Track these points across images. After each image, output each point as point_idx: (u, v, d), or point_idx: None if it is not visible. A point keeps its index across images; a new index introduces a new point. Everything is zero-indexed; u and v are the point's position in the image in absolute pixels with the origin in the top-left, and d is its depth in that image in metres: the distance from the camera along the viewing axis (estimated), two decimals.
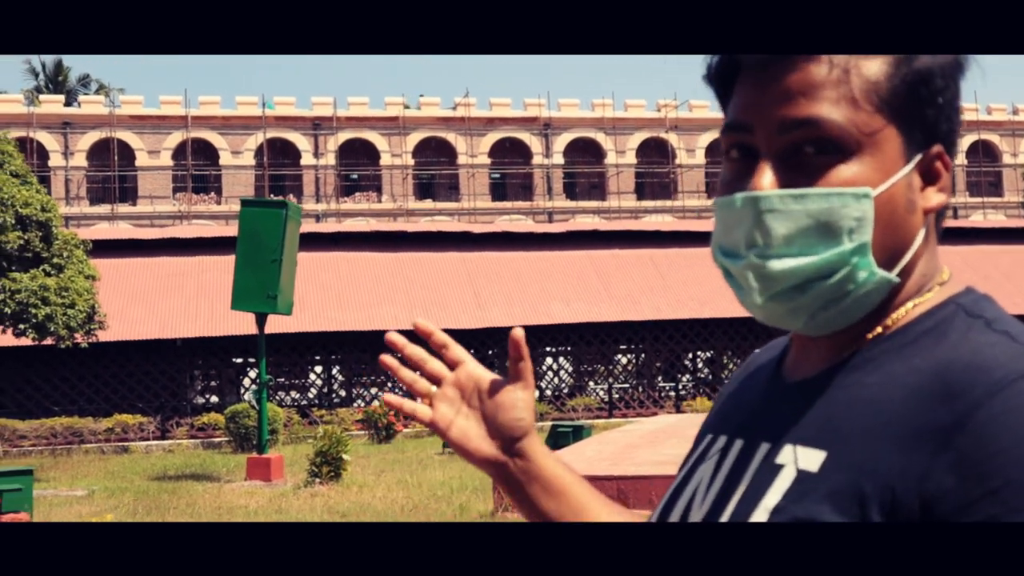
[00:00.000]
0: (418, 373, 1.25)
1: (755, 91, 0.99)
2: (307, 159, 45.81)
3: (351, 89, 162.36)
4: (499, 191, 48.62)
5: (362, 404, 25.84)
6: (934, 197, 1.01)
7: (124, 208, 43.54)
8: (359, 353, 26.02)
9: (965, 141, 50.80)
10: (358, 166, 47.07)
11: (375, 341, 25.75)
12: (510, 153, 48.46)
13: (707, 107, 49.80)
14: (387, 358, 1.27)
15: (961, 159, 50.73)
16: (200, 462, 18.99)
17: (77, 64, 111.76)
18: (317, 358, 26.42)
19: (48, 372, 23.60)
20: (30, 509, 11.79)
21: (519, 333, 1.16)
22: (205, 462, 18.97)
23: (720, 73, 1.05)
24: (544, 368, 28.07)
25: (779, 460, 0.98)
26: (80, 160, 43.83)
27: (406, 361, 1.27)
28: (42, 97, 46.26)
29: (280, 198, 17.62)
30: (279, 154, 46.14)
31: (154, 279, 25.60)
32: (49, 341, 16.93)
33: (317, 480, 14.52)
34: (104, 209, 43.08)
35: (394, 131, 46.50)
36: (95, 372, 23.91)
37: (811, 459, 0.95)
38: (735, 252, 1.00)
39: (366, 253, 27.47)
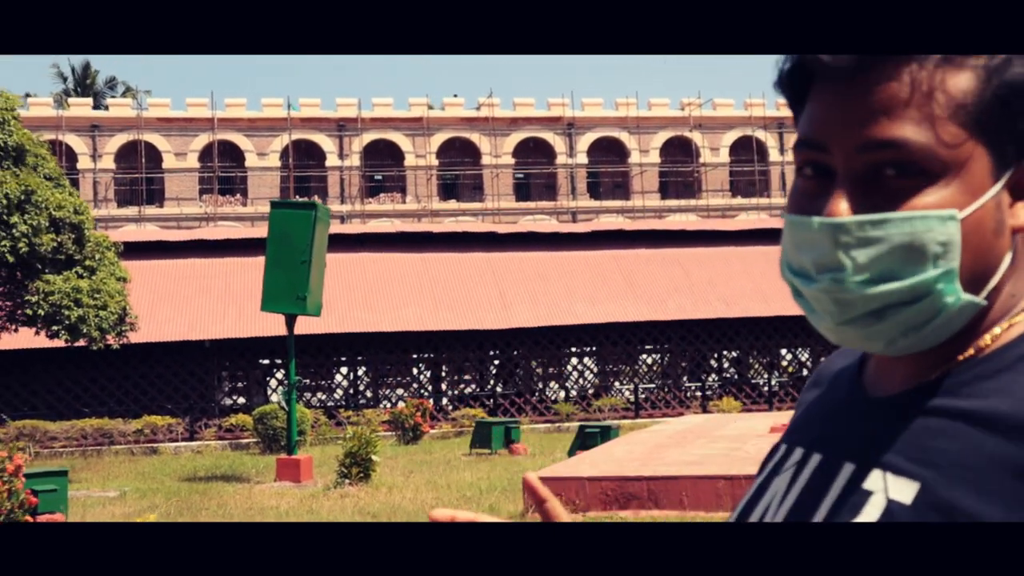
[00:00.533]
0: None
1: (831, 107, 0.94)
2: (332, 160, 45.98)
3: (375, 90, 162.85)
4: (523, 191, 48.65)
5: (388, 405, 25.93)
6: (1022, 215, 0.94)
7: (151, 210, 43.83)
8: (385, 354, 26.11)
9: None
10: (382, 167, 47.21)
11: (402, 342, 25.84)
12: (534, 153, 48.47)
13: (731, 105, 49.65)
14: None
15: None
16: (229, 463, 19.11)
17: (104, 67, 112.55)
18: (343, 359, 26.53)
19: (78, 374, 23.80)
20: (65, 510, 11.92)
21: (532, 478, 1.08)
22: (234, 463, 19.09)
23: (791, 81, 0.99)
24: (569, 368, 28.08)
25: (867, 486, 0.94)
26: (108, 162, 44.16)
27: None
28: (71, 100, 46.64)
29: (309, 199, 17.72)
30: (304, 155, 46.34)
31: (182, 281, 25.78)
32: (81, 343, 17.08)
33: (347, 481, 14.60)
34: (132, 211, 43.40)
35: (418, 132, 46.61)
36: (124, 373, 24.10)
37: (903, 490, 0.91)
38: (807, 274, 0.95)
39: (392, 254, 27.56)
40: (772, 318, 26.41)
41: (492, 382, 27.38)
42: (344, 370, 27.03)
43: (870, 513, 0.91)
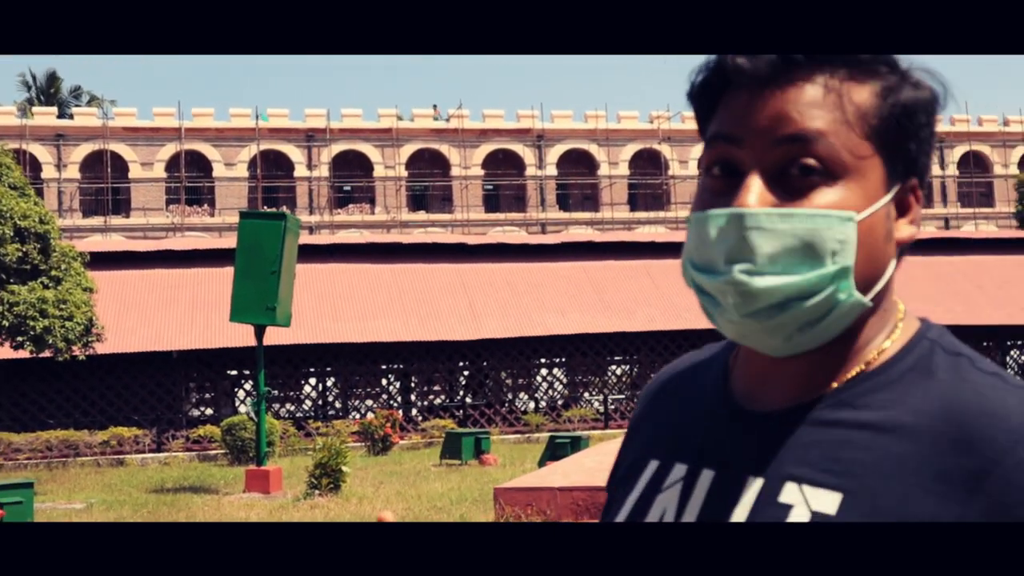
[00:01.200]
0: None
1: (747, 106, 0.99)
2: (300, 171, 45.84)
3: (344, 101, 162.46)
4: (492, 203, 48.70)
5: (358, 416, 25.83)
6: (906, 229, 1.03)
7: (117, 220, 43.49)
8: (355, 365, 26.02)
9: (956, 152, 51.03)
10: (351, 178, 47.11)
11: (371, 352, 25.76)
12: (503, 165, 48.55)
13: None
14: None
15: (952, 170, 50.97)
16: (197, 475, 18.96)
17: (69, 76, 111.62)
18: (312, 370, 26.41)
19: (43, 385, 23.54)
20: (31, 522, 11.78)
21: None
22: (202, 475, 18.94)
23: (705, 90, 1.04)
24: (539, 380, 28.10)
25: (784, 499, 0.97)
26: (73, 172, 43.79)
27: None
28: (35, 109, 46.24)
29: (279, 210, 17.63)
30: (272, 166, 46.17)
31: (149, 291, 25.58)
32: (47, 353, 16.90)
33: (317, 492, 14.52)
34: (97, 221, 43.04)
35: (387, 143, 46.58)
36: (90, 384, 23.86)
37: (825, 501, 0.95)
38: (712, 268, 0.98)
39: (361, 265, 27.48)
40: None
41: (462, 393, 27.34)
42: (313, 381, 26.91)
43: None
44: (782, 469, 0.99)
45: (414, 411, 26.60)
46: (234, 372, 26.38)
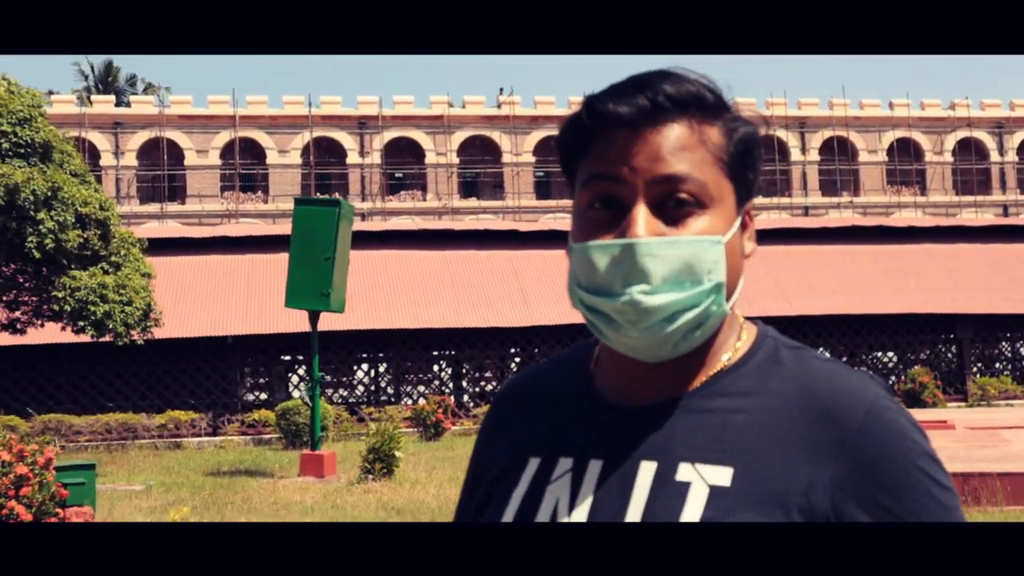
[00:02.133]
0: None
1: (625, 148, 1.13)
2: (353, 158, 46.10)
3: (396, 88, 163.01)
4: (544, 189, 48.66)
5: (409, 402, 25.99)
6: (748, 245, 1.21)
7: (173, 207, 44.05)
8: (407, 351, 26.18)
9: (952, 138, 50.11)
10: (403, 165, 47.30)
11: (423, 339, 25.90)
12: (555, 151, 48.42)
13: (752, 104, 49.52)
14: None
15: (948, 157, 50.07)
16: (252, 458, 19.20)
17: (125, 64, 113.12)
18: (365, 356, 26.60)
19: (102, 369, 23.96)
20: (93, 503, 12.01)
21: None
22: (257, 458, 19.18)
23: (578, 134, 1.18)
24: None
25: (680, 478, 1.11)
26: (131, 159, 44.41)
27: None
28: (94, 98, 46.91)
29: (333, 196, 17.76)
30: (325, 153, 46.46)
31: (205, 277, 25.90)
32: (107, 338, 17.20)
33: (370, 476, 14.65)
34: (154, 208, 43.62)
35: (439, 130, 46.68)
36: (148, 369, 24.24)
37: (718, 475, 1.10)
38: (608, 291, 1.12)
39: (413, 251, 27.60)
40: (794, 317, 26.35)
41: None
42: (365, 367, 27.10)
43: (696, 499, 1.09)
44: (672, 452, 1.13)
45: (465, 397, 26.70)
46: (288, 357, 26.65)
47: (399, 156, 47.18)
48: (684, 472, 1.11)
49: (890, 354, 29.02)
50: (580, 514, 1.14)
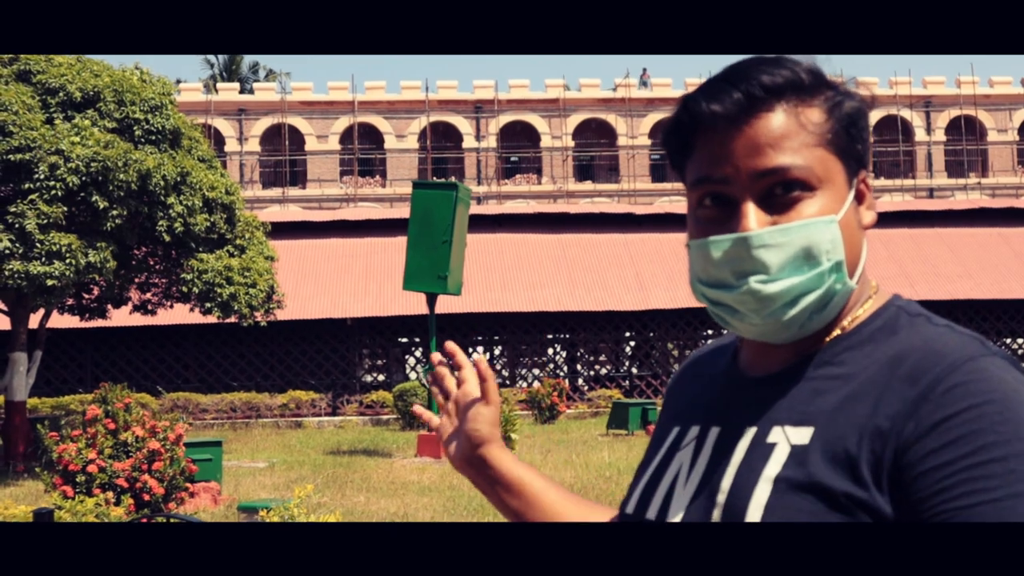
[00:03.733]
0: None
1: (724, 146, 1.15)
2: (469, 142, 46.40)
3: (512, 72, 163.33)
4: (659, 172, 48.22)
5: (524, 384, 26.13)
6: (867, 215, 1.22)
7: (294, 191, 45.02)
8: (522, 334, 26.31)
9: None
10: (519, 148, 47.42)
11: (538, 322, 26.00)
12: None
13: (877, 82, 48.17)
14: (438, 362, 1.47)
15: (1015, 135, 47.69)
16: (370, 438, 19.57)
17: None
18: (480, 338, 26.83)
19: (227, 349, 24.70)
20: (220, 479, 12.41)
21: (480, 359, 1.41)
22: (375, 438, 19.54)
23: (681, 133, 1.20)
24: None
25: (771, 439, 1.15)
26: (254, 145, 45.53)
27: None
28: (219, 85, 48.20)
29: (450, 180, 17.94)
30: (442, 137, 46.88)
31: (325, 260, 26.45)
32: (232, 319, 17.71)
33: None
34: (276, 192, 44.65)
35: (554, 113, 46.64)
36: (270, 350, 24.90)
37: (801, 435, 1.13)
38: (726, 284, 1.16)
39: (528, 235, 27.70)
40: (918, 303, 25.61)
41: (627, 363, 27.31)
42: (481, 349, 27.34)
43: (778, 458, 1.12)
44: (771, 417, 1.16)
45: (580, 381, 26.72)
46: (405, 339, 27.05)
47: (515, 140, 47.32)
48: (775, 434, 1.15)
49: (1020, 341, 28.02)
50: (694, 478, 1.20)
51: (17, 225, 14.25)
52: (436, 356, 1.46)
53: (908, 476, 1.05)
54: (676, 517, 1.20)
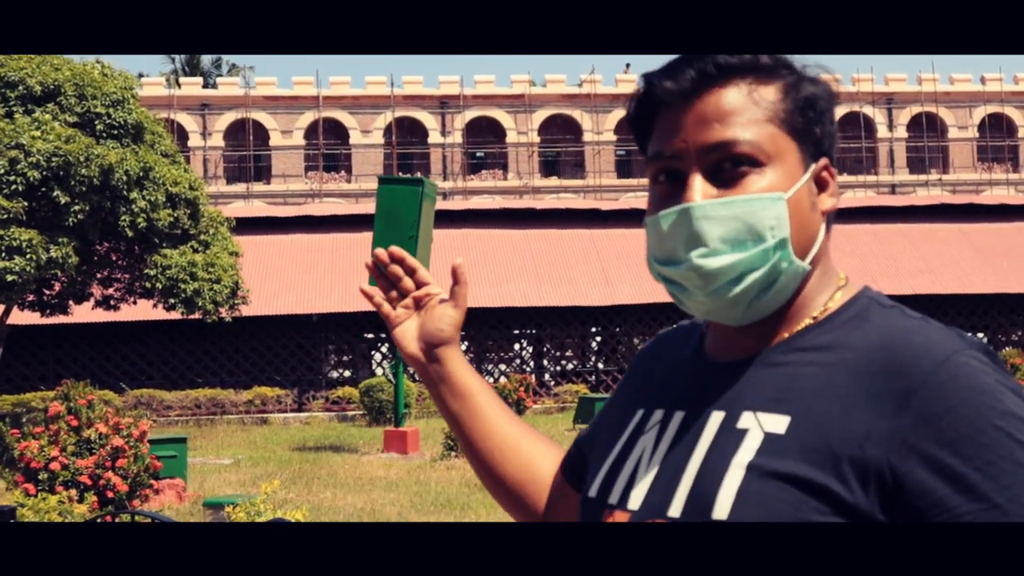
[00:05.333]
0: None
1: (677, 121, 1.16)
2: (434, 137, 46.34)
3: (477, 68, 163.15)
4: (625, 168, 48.39)
5: (491, 380, 26.14)
6: (827, 201, 1.20)
7: (259, 186, 44.77)
8: (488, 329, 26.31)
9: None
10: (484, 144, 47.42)
11: (504, 317, 26.01)
12: None
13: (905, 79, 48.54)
14: (369, 264, 1.53)
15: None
16: (337, 434, 19.52)
17: None
18: None
19: (192, 345, 24.53)
20: (184, 476, 12.33)
21: (459, 263, 1.47)
22: (341, 434, 19.49)
23: (642, 113, 1.21)
24: None
25: (741, 425, 1.13)
26: (218, 140, 45.22)
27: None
28: (182, 80, 47.83)
29: (416, 175, 17.96)
30: (407, 133, 46.78)
31: (290, 256, 26.32)
32: (196, 315, 17.60)
33: (453, 453, 14.81)
34: (240, 188, 44.39)
35: (520, 109, 46.67)
36: (235, 346, 24.75)
37: (776, 423, 1.10)
38: (674, 259, 1.15)
39: (494, 230, 27.70)
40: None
41: (594, 358, 27.40)
42: None
43: (749, 445, 1.10)
44: (741, 402, 1.14)
45: (546, 376, 26.77)
46: (371, 336, 26.98)
47: (480, 135, 47.30)
48: (745, 420, 1.12)
49: (980, 335, 28.38)
50: (656, 461, 1.19)
51: None
52: (381, 252, 1.51)
53: (907, 479, 1.02)
54: (637, 501, 1.18)
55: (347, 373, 26.77)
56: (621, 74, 47.86)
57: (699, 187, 1.13)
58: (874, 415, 1.05)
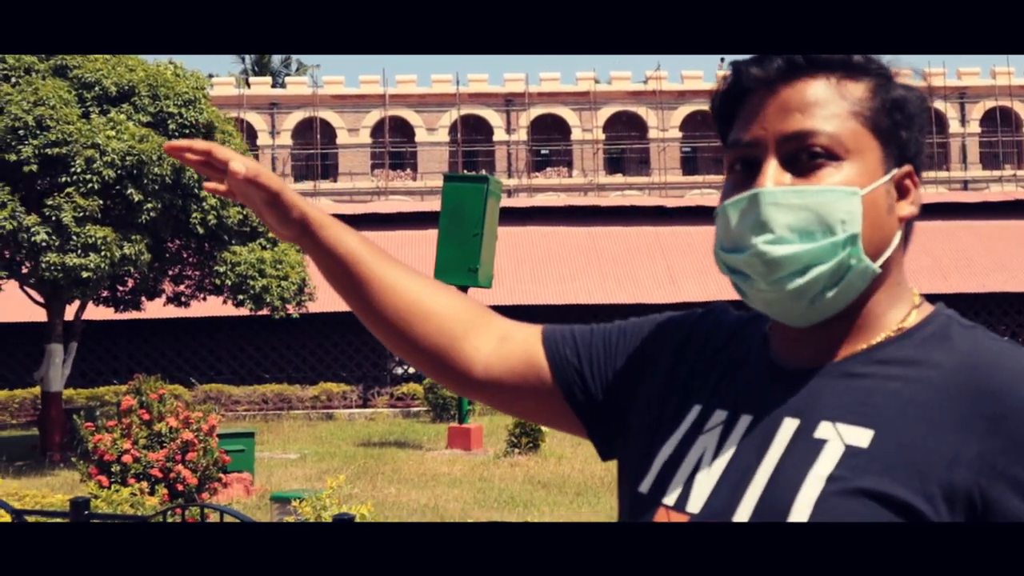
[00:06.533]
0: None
1: (760, 109, 1.15)
2: (499, 135, 46.42)
3: (543, 65, 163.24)
4: (690, 165, 48.06)
5: None
6: (906, 208, 1.18)
7: (326, 184, 45.22)
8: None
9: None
10: (549, 141, 47.39)
11: (568, 315, 25.98)
12: (701, 127, 47.81)
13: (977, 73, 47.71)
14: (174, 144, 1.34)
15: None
16: (401, 430, 19.66)
17: None
18: None
19: (259, 341, 24.87)
20: (252, 470, 12.51)
21: (169, 144, 1.31)
22: (406, 430, 19.63)
23: (727, 100, 1.20)
24: None
25: (818, 435, 1.10)
26: (286, 139, 45.76)
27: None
28: (251, 80, 48.47)
29: (481, 173, 18.02)
30: (472, 130, 46.92)
31: None
32: (264, 311, 17.83)
33: (516, 450, 14.84)
34: (307, 186, 44.85)
35: (585, 106, 46.57)
36: (302, 342, 25.04)
37: (857, 436, 1.07)
38: (739, 246, 1.13)
39: (559, 227, 27.69)
40: (951, 295, 25.42)
41: None
42: None
43: (829, 456, 1.07)
44: (817, 411, 1.11)
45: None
46: None
47: (545, 133, 47.28)
48: (823, 430, 1.09)
49: None
50: (719, 464, 1.16)
51: (54, 218, 14.42)
52: (172, 145, 1.35)
53: (996, 504, 1.01)
54: (697, 504, 1.15)
55: (412, 370, 26.94)
56: (687, 70, 47.50)
57: (772, 174, 1.12)
58: (962, 437, 1.03)
